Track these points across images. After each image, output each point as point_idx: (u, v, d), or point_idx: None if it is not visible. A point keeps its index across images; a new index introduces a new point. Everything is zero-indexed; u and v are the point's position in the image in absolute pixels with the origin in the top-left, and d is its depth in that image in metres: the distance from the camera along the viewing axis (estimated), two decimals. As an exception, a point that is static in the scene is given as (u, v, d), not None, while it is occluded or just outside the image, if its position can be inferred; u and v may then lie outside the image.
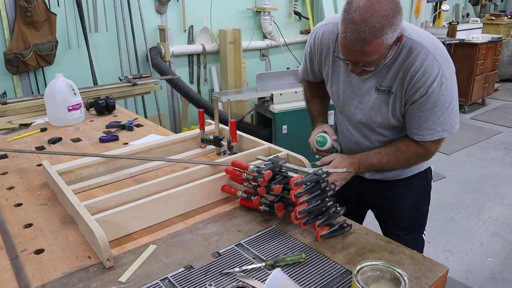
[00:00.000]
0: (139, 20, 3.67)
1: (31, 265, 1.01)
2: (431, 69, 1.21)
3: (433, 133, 1.28)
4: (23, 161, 1.67)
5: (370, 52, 1.15)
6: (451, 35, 4.93)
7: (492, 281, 2.45)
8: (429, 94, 1.22)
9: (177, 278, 0.95)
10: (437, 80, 1.21)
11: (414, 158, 1.37)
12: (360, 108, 1.39)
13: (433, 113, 1.26)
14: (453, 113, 1.28)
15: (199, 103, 3.69)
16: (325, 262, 1.00)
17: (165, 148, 1.67)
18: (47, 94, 2.10)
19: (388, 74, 1.29)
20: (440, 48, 1.25)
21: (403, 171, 1.49)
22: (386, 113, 1.34)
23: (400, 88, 1.27)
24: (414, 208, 1.55)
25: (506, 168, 4.05)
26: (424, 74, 1.21)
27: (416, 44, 1.23)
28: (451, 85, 1.24)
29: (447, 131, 1.29)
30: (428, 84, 1.21)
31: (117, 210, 1.11)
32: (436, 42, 1.27)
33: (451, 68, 1.24)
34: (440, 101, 1.24)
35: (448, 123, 1.28)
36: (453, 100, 1.26)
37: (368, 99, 1.35)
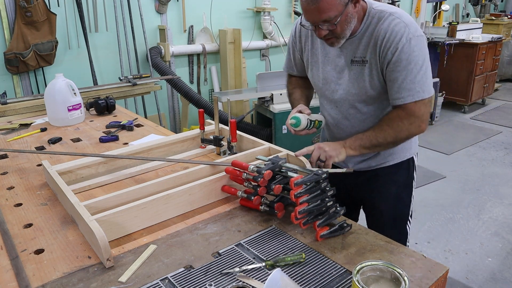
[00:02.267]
0: (139, 20, 3.67)
1: (31, 265, 1.01)
2: (398, 28, 1.30)
3: (413, 93, 1.31)
4: (23, 161, 1.67)
5: (325, 8, 1.23)
6: (451, 35, 4.93)
7: (492, 281, 2.45)
8: (400, 50, 1.29)
9: (177, 278, 0.95)
10: (405, 36, 1.29)
11: (400, 125, 1.36)
12: (339, 84, 1.45)
13: (409, 72, 1.30)
14: (428, 74, 1.33)
15: (199, 103, 3.69)
16: (325, 262, 1.00)
17: (165, 148, 1.67)
18: (47, 94, 2.10)
19: (360, 45, 1.37)
20: (407, 15, 1.34)
21: (385, 159, 1.53)
22: (362, 83, 1.40)
23: (373, 55, 1.35)
24: (397, 199, 1.58)
25: (506, 168, 4.05)
26: (391, 33, 1.30)
27: (383, 13, 1.34)
28: (419, 44, 1.31)
29: (426, 92, 1.32)
30: (397, 41, 1.29)
31: (117, 210, 1.11)
32: (402, 12, 1.36)
33: (418, 30, 1.32)
34: (412, 58, 1.29)
35: (426, 83, 1.32)
36: (425, 60, 1.32)
37: (346, 73, 1.42)
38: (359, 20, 1.35)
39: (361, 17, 1.35)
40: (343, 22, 1.28)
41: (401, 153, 1.54)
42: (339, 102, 1.48)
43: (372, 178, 1.57)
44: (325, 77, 1.48)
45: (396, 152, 1.53)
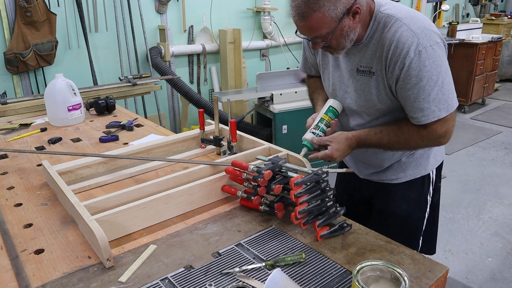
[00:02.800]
0: (139, 20, 3.67)
1: (31, 265, 1.01)
2: (405, 39, 1.14)
3: (429, 113, 1.18)
4: (23, 161, 1.67)
5: (314, 27, 1.14)
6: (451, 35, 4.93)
7: (492, 281, 2.45)
8: (408, 66, 1.15)
9: (177, 278, 0.95)
10: (413, 48, 1.13)
11: (416, 140, 1.26)
12: (348, 92, 1.35)
13: (421, 90, 1.16)
14: (446, 88, 1.17)
15: (199, 103, 3.69)
16: (325, 262, 1.00)
17: (165, 148, 1.67)
18: (47, 94, 2.10)
19: (367, 53, 1.25)
20: (418, 19, 1.18)
21: (397, 175, 1.45)
22: (369, 96, 1.28)
23: (380, 67, 1.22)
24: (406, 216, 1.49)
25: (506, 168, 4.05)
26: (397, 45, 1.15)
27: (390, 18, 1.18)
28: (433, 55, 1.14)
29: (444, 110, 1.18)
30: (404, 55, 1.14)
31: (117, 210, 1.11)
32: (414, 14, 1.19)
33: (431, 38, 1.15)
34: (424, 73, 1.14)
35: (442, 100, 1.17)
36: (442, 72, 1.16)
37: (352, 81, 1.32)
38: (366, 24, 1.22)
39: (368, 21, 1.22)
40: (338, 37, 1.18)
41: (415, 169, 1.43)
42: (348, 111, 1.40)
43: (383, 191, 1.50)
44: (334, 83, 1.40)
45: (409, 168, 1.43)
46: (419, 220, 1.52)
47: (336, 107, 1.40)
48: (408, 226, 1.51)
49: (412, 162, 1.42)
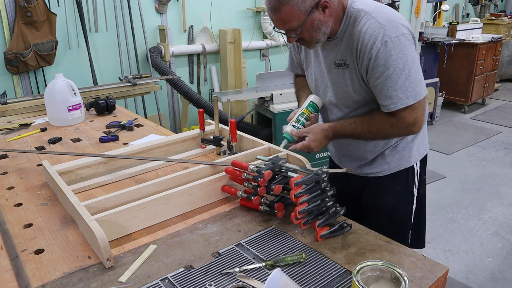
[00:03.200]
0: (139, 20, 3.67)
1: (31, 265, 1.01)
2: (372, 31, 1.21)
3: (396, 101, 1.23)
4: (23, 161, 1.67)
5: (285, 19, 1.22)
6: (451, 35, 4.93)
7: (492, 281, 2.45)
8: (375, 56, 1.21)
9: (177, 278, 0.95)
10: (379, 40, 1.19)
11: (387, 129, 1.32)
12: (328, 86, 1.42)
13: (389, 78, 1.22)
14: (413, 77, 1.23)
15: (199, 103, 3.69)
16: (325, 262, 1.00)
17: (165, 148, 1.67)
18: (47, 94, 2.10)
19: (341, 46, 1.32)
20: (386, 12, 1.25)
21: (381, 168, 1.49)
22: (346, 88, 1.35)
23: (352, 58, 1.29)
24: (393, 208, 1.52)
25: (506, 168, 4.05)
26: (365, 37, 1.22)
27: (360, 12, 1.26)
28: (399, 45, 1.20)
29: (411, 98, 1.23)
30: (371, 46, 1.21)
31: (117, 210, 1.11)
32: (382, 8, 1.26)
33: (398, 29, 1.21)
34: (390, 62, 1.20)
35: (410, 88, 1.23)
36: (408, 62, 1.21)
37: (331, 75, 1.39)
38: (339, 20, 1.29)
39: (341, 16, 1.29)
40: (309, 30, 1.24)
41: (398, 161, 1.48)
42: (329, 105, 1.46)
43: (369, 185, 1.54)
44: (316, 79, 1.47)
45: (392, 161, 1.48)
46: (406, 213, 1.56)
47: (317, 102, 1.48)
48: (396, 220, 1.54)
49: (395, 155, 1.47)
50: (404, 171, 1.50)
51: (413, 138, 1.48)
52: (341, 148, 1.57)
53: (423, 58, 4.82)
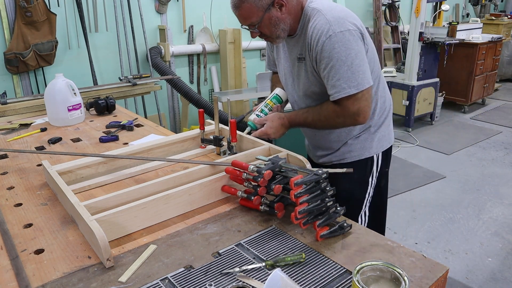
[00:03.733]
0: (139, 20, 3.67)
1: (31, 265, 1.01)
2: (320, 26, 1.34)
3: (340, 90, 1.35)
4: (23, 161, 1.67)
5: (244, 16, 1.38)
6: (451, 35, 4.93)
7: (492, 281, 2.45)
8: (321, 49, 1.34)
9: (177, 278, 0.95)
10: (324, 33, 1.33)
11: (334, 118, 1.44)
12: (294, 79, 1.56)
13: (333, 69, 1.34)
14: (356, 69, 1.34)
15: (199, 103, 3.69)
16: (325, 262, 1.00)
17: (165, 148, 1.67)
18: (47, 94, 2.10)
19: (300, 43, 1.45)
20: (336, 10, 1.38)
21: (343, 155, 1.61)
22: (305, 79, 1.48)
23: (307, 52, 1.42)
24: (348, 194, 1.56)
25: (506, 168, 4.05)
26: (313, 31, 1.36)
27: (313, 11, 1.39)
28: (343, 40, 1.32)
29: (354, 88, 1.34)
30: (317, 39, 1.34)
31: (117, 210, 1.11)
32: (334, 6, 1.40)
33: (343, 25, 1.33)
34: (334, 54, 1.32)
35: (352, 78, 1.34)
36: (351, 54, 1.33)
37: (295, 69, 1.52)
38: (298, 18, 1.42)
39: (299, 16, 1.42)
40: (268, 26, 1.38)
41: (360, 151, 1.60)
42: (296, 97, 1.59)
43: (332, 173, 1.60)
44: (285, 73, 1.60)
45: (354, 150, 1.59)
46: (359, 200, 1.66)
47: (281, 95, 1.67)
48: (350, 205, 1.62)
49: (357, 144, 1.59)
50: (364, 160, 1.61)
51: (375, 130, 1.59)
52: (310, 139, 1.71)
53: (423, 58, 4.82)
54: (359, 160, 1.60)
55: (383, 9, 5.66)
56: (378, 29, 5.62)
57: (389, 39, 5.96)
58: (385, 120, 1.61)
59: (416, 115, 5.02)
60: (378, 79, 1.57)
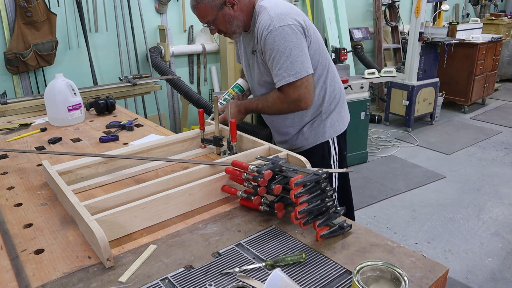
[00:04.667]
0: (139, 20, 3.67)
1: (31, 265, 1.01)
2: (264, 21, 1.51)
3: (281, 78, 1.52)
4: (23, 161, 1.68)
5: (201, 15, 1.54)
6: (451, 35, 4.92)
7: (492, 281, 2.45)
8: (264, 41, 1.51)
9: (177, 278, 0.95)
10: (266, 28, 1.50)
11: (279, 103, 1.61)
12: (251, 71, 1.73)
13: (275, 60, 1.51)
14: (294, 59, 1.50)
15: (199, 103, 3.69)
16: (325, 262, 1.00)
17: (165, 148, 1.67)
18: (47, 94, 2.10)
19: (253, 37, 1.61)
20: (279, 7, 1.53)
21: (302, 143, 1.77)
22: (258, 70, 1.65)
23: (257, 45, 1.59)
24: None
25: (506, 168, 4.05)
26: (259, 26, 1.53)
27: (261, 9, 1.56)
28: (282, 33, 1.48)
29: (293, 76, 1.51)
30: (261, 33, 1.52)
31: (117, 210, 1.11)
32: (280, 4, 1.55)
33: (283, 21, 1.50)
34: (275, 47, 1.49)
35: (292, 68, 1.50)
36: (289, 46, 1.49)
37: (251, 61, 1.69)
38: (250, 15, 1.59)
39: (252, 13, 1.59)
40: (223, 23, 1.54)
41: (314, 137, 1.75)
42: (253, 86, 1.77)
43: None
44: (245, 66, 1.77)
45: (309, 137, 1.75)
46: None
47: (242, 85, 1.89)
48: None
49: (311, 131, 1.75)
50: (320, 145, 1.76)
51: (326, 117, 1.75)
52: (270, 124, 1.88)
53: (423, 58, 4.82)
54: (316, 146, 1.76)
55: (383, 9, 5.66)
56: (378, 29, 5.62)
57: (389, 39, 5.96)
58: (335, 107, 1.76)
59: (416, 115, 5.02)
60: (326, 69, 1.71)
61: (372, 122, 5.29)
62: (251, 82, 1.79)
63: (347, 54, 4.57)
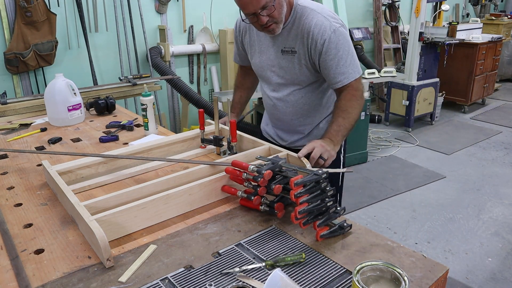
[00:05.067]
0: (139, 20, 3.67)
1: (31, 265, 1.01)
2: (321, 23, 1.51)
3: (348, 75, 1.56)
4: (23, 161, 1.68)
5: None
6: (451, 35, 4.92)
7: (492, 281, 2.45)
8: (328, 41, 1.51)
9: (177, 278, 0.95)
10: (328, 28, 1.51)
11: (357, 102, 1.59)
12: (273, 71, 1.69)
13: (340, 58, 1.53)
14: (355, 57, 1.58)
15: (199, 103, 3.69)
16: (325, 262, 1.00)
17: (165, 148, 1.67)
18: (47, 94, 2.10)
19: (289, 36, 1.58)
20: (326, 9, 1.58)
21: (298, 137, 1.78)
22: (293, 70, 1.63)
23: (302, 46, 1.56)
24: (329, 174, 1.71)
25: (506, 168, 4.05)
26: (315, 27, 1.52)
27: (305, 9, 1.55)
28: (343, 33, 1.54)
29: (357, 72, 1.58)
30: (322, 33, 1.51)
31: (117, 210, 1.11)
32: (322, 6, 1.59)
33: (339, 22, 1.55)
34: (340, 45, 1.52)
35: (355, 65, 1.57)
36: (350, 46, 1.56)
37: (278, 61, 1.65)
38: (288, 13, 1.56)
39: (289, 11, 1.56)
40: (278, 5, 1.47)
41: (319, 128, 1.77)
42: (275, 86, 1.72)
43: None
44: (262, 65, 1.72)
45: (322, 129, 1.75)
46: (336, 176, 1.83)
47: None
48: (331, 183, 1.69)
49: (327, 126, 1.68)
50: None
51: None
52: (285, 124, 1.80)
53: (423, 58, 4.82)
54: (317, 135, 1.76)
55: (383, 9, 5.66)
56: (378, 29, 5.62)
57: (389, 39, 5.96)
58: None
59: (416, 115, 5.02)
60: None
61: (372, 122, 5.29)
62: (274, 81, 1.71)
63: (347, 54, 4.57)
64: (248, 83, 1.98)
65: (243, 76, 1.99)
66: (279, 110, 1.75)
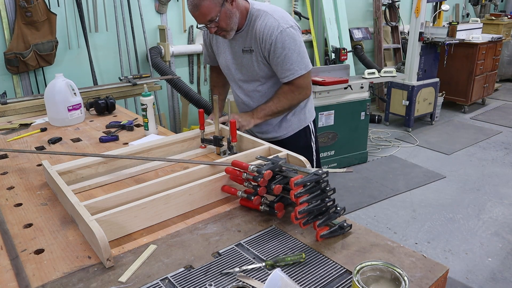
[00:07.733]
0: (139, 20, 3.67)
1: (31, 265, 1.01)
2: (270, 23, 1.65)
3: (293, 72, 1.70)
4: (23, 161, 1.68)
5: (206, 12, 1.56)
6: (451, 35, 4.92)
7: (492, 281, 2.45)
8: (275, 41, 1.64)
9: (177, 278, 0.95)
10: (276, 29, 1.64)
11: (292, 96, 1.77)
12: (237, 69, 1.84)
13: (286, 57, 1.67)
14: (302, 55, 1.70)
15: (199, 103, 3.69)
16: (325, 262, 1.00)
17: (165, 148, 1.67)
18: (47, 94, 2.10)
19: (247, 37, 1.73)
20: (278, 11, 1.71)
21: (286, 130, 1.93)
22: (252, 67, 1.77)
23: (257, 46, 1.71)
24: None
25: (506, 168, 4.05)
26: (265, 28, 1.65)
27: (259, 12, 1.69)
28: (291, 33, 1.66)
29: (303, 69, 1.71)
30: (270, 34, 1.64)
31: (117, 210, 1.11)
32: (275, 8, 1.73)
33: (289, 23, 1.67)
34: (286, 45, 1.65)
35: (301, 63, 1.70)
36: (298, 46, 1.68)
37: (240, 59, 1.80)
38: (244, 16, 1.69)
39: (245, 15, 1.69)
40: (225, 18, 1.60)
41: (297, 123, 1.93)
42: (240, 83, 1.87)
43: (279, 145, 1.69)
44: (227, 64, 1.86)
45: (293, 123, 1.92)
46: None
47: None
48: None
49: (295, 118, 1.92)
50: (303, 130, 1.97)
51: (305, 104, 1.93)
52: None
53: (423, 58, 4.82)
54: (300, 131, 1.95)
55: (383, 9, 5.66)
56: (378, 29, 5.62)
57: (389, 39, 5.96)
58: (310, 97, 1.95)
59: (416, 115, 5.01)
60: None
61: (372, 122, 5.29)
62: (237, 79, 1.87)
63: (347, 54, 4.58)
64: (222, 80, 2.07)
65: (217, 75, 2.09)
66: (247, 105, 1.90)
